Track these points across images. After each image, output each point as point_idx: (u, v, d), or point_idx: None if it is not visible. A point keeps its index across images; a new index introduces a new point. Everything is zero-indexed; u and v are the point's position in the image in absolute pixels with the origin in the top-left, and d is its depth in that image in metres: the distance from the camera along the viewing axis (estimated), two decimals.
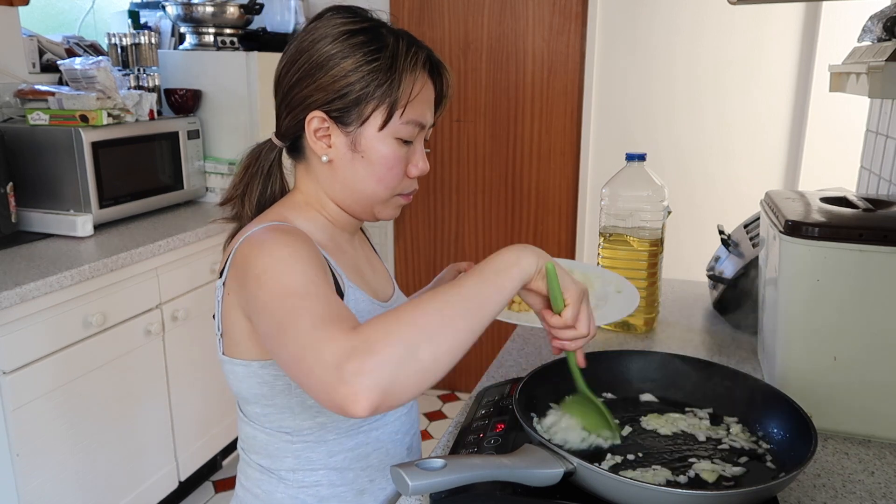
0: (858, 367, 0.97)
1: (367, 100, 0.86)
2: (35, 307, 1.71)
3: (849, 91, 1.17)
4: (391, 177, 0.89)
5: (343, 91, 0.85)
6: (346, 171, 0.90)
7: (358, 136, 0.88)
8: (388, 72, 0.85)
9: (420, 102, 0.89)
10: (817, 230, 0.94)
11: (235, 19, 2.73)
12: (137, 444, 2.10)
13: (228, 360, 0.90)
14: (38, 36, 2.53)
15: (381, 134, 0.87)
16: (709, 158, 2.81)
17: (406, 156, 0.90)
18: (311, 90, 0.87)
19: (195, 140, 2.57)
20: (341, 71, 0.85)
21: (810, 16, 2.58)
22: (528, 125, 3.03)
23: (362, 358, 0.64)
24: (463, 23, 3.01)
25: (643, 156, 1.34)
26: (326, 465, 0.93)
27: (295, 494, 0.93)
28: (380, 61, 0.85)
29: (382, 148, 0.88)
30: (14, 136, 2.12)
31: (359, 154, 0.88)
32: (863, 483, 0.88)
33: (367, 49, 0.85)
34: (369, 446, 0.95)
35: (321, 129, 0.88)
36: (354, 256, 0.99)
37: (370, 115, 0.86)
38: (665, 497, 0.72)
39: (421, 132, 0.91)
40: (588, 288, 0.98)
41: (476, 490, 0.77)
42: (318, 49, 0.86)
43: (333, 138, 0.88)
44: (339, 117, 0.87)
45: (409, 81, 0.86)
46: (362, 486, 0.95)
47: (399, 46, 0.87)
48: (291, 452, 0.92)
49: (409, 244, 3.31)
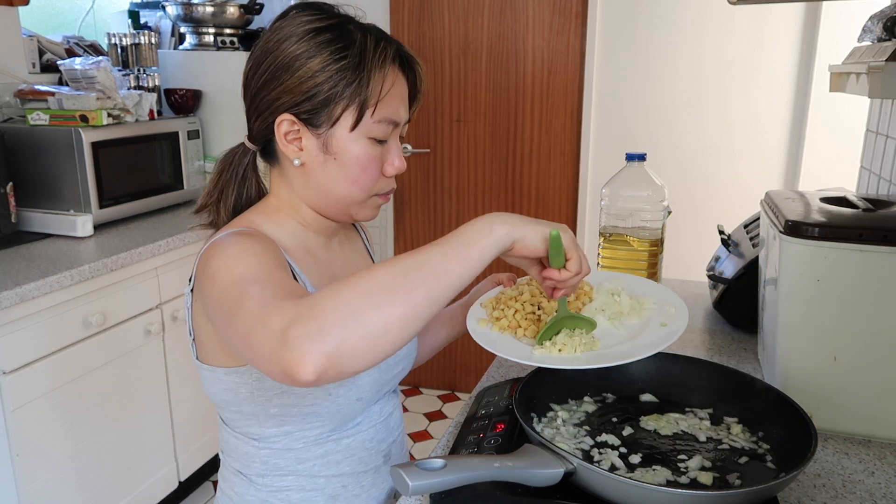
0: (858, 367, 0.97)
1: (337, 100, 0.83)
2: (35, 307, 1.71)
3: (849, 91, 1.17)
4: (366, 178, 0.87)
5: (311, 92, 0.83)
6: (319, 174, 0.87)
7: (329, 138, 0.85)
8: (357, 70, 0.82)
9: (392, 99, 0.86)
10: (817, 230, 0.94)
11: (235, 19, 2.74)
12: (137, 444, 2.10)
13: (199, 364, 0.91)
14: (38, 36, 2.53)
15: (352, 134, 0.84)
16: (709, 158, 2.81)
17: (380, 155, 0.87)
18: (279, 92, 0.84)
19: (195, 140, 2.58)
20: (308, 71, 0.82)
21: (810, 16, 2.58)
22: (528, 125, 3.03)
23: (306, 321, 0.63)
24: (463, 23, 3.01)
25: (643, 156, 1.34)
26: (295, 472, 0.92)
27: (265, 498, 0.93)
28: (347, 59, 0.82)
29: (355, 148, 0.85)
30: (14, 136, 2.12)
31: (331, 156, 0.85)
32: (863, 483, 0.88)
33: (334, 47, 0.82)
34: (339, 454, 0.93)
35: (291, 131, 0.85)
36: (328, 260, 0.96)
37: (340, 115, 0.83)
38: (665, 497, 0.72)
39: (395, 129, 0.88)
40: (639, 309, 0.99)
41: (476, 490, 0.77)
42: (284, 49, 0.83)
43: (304, 141, 0.86)
44: (309, 119, 0.84)
45: (378, 78, 0.83)
46: (334, 492, 0.94)
47: (367, 43, 0.83)
48: (259, 458, 0.92)
49: (409, 244, 3.31)
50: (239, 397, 0.88)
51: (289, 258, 0.87)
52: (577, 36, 2.89)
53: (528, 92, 3.00)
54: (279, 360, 0.63)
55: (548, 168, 3.04)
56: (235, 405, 0.89)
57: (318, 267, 0.93)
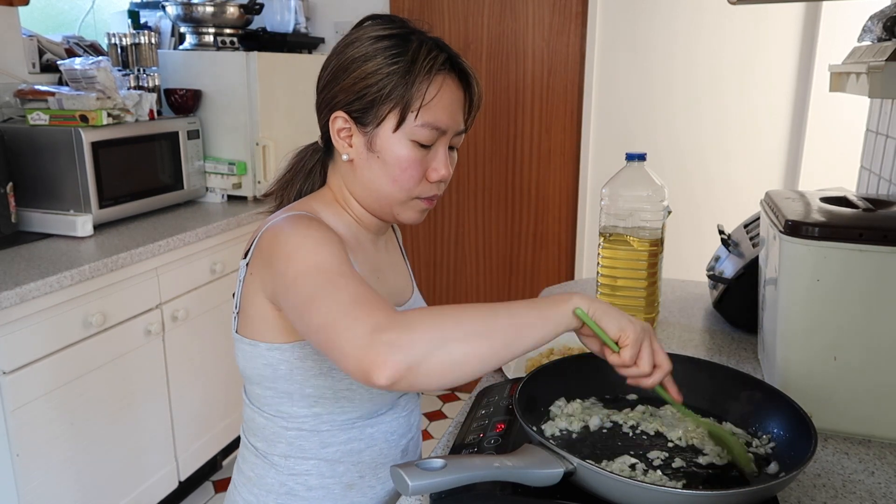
0: (858, 367, 0.97)
1: (383, 101, 0.88)
2: (35, 307, 1.71)
3: (849, 91, 1.17)
4: (405, 178, 0.91)
5: (362, 92, 0.88)
6: (364, 171, 0.92)
7: (374, 137, 0.90)
8: (405, 74, 0.87)
9: (438, 107, 0.89)
10: (817, 230, 0.94)
11: (235, 19, 2.73)
12: (137, 444, 2.10)
13: (239, 338, 0.93)
14: (38, 36, 2.53)
15: (395, 135, 0.89)
16: (709, 158, 2.81)
17: (423, 159, 0.91)
18: (336, 91, 0.91)
19: (195, 140, 2.57)
20: (362, 73, 0.88)
21: (810, 16, 2.58)
22: (528, 125, 3.03)
23: (399, 331, 0.69)
24: (463, 23, 3.01)
25: (643, 156, 1.34)
26: (318, 456, 0.94)
27: (284, 481, 0.95)
28: (399, 65, 0.87)
29: (397, 149, 0.89)
30: (14, 136, 2.12)
31: (374, 154, 0.91)
32: (863, 483, 0.88)
33: (390, 53, 0.88)
34: (362, 442, 0.96)
35: (344, 129, 0.91)
36: (376, 257, 1.01)
37: (385, 116, 0.89)
38: (665, 497, 0.72)
39: (442, 137, 0.91)
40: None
41: (476, 490, 0.77)
42: (347, 52, 0.90)
43: (354, 138, 0.91)
44: (359, 118, 0.90)
45: (423, 84, 0.87)
46: (351, 481, 0.96)
47: (420, 50, 0.88)
48: (285, 439, 0.94)
49: (408, 244, 3.31)
50: (277, 374, 0.91)
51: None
52: (577, 36, 2.89)
53: (528, 92, 3.00)
54: (362, 357, 0.68)
55: (548, 168, 3.04)
56: (272, 381, 0.92)
57: (367, 261, 0.97)
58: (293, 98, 2.79)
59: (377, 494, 0.99)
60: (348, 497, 0.97)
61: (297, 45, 2.97)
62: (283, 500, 0.96)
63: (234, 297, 0.94)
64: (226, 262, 2.40)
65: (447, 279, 3.29)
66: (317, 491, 0.95)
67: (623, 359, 0.80)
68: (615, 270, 1.37)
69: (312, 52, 3.09)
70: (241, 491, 0.99)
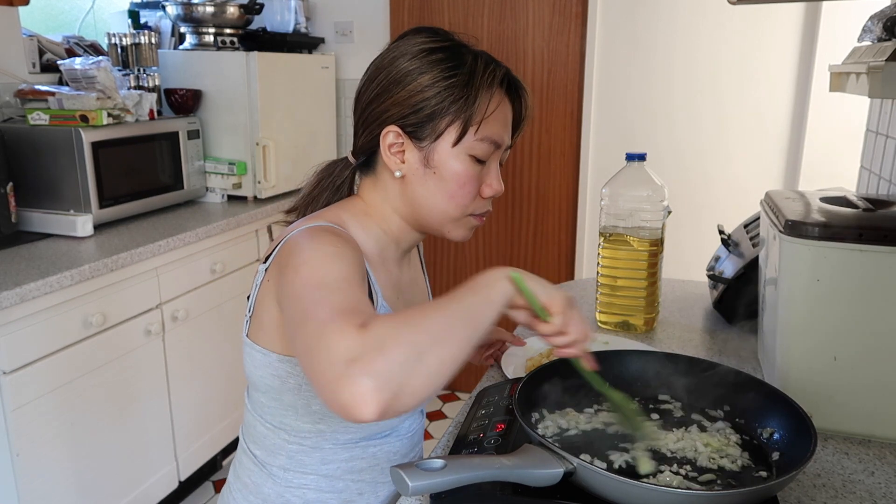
0: (858, 367, 0.97)
1: (442, 115, 0.86)
2: (35, 307, 1.71)
3: (849, 91, 1.17)
4: (463, 194, 0.89)
5: (418, 106, 0.86)
6: (418, 187, 0.90)
7: (431, 152, 0.88)
8: (465, 88, 0.86)
9: (495, 121, 0.89)
10: (817, 230, 0.94)
11: (235, 19, 2.73)
12: (137, 444, 2.10)
13: (250, 343, 0.91)
14: (38, 36, 2.53)
15: (454, 150, 0.87)
16: (709, 158, 2.81)
17: (479, 175, 0.90)
18: (388, 105, 0.88)
19: (195, 140, 2.57)
20: (418, 86, 0.86)
21: (810, 16, 2.58)
22: (528, 125, 3.02)
23: (371, 357, 0.63)
24: (463, 23, 3.01)
25: (643, 156, 1.34)
26: (318, 472, 0.93)
27: (281, 492, 0.94)
28: (457, 78, 0.86)
29: (455, 164, 0.88)
30: (14, 136, 2.12)
31: (431, 170, 0.88)
32: (863, 483, 0.88)
33: (445, 66, 0.86)
34: (364, 461, 0.95)
35: (396, 143, 0.89)
36: (399, 275, 0.98)
37: (444, 130, 0.87)
38: (665, 497, 0.72)
39: (496, 152, 0.91)
40: None
41: (476, 490, 0.77)
42: (397, 65, 0.87)
43: (407, 153, 0.89)
44: (414, 132, 0.88)
45: (484, 98, 0.87)
46: (350, 498, 0.95)
47: (477, 64, 0.87)
48: (286, 452, 0.93)
49: None
50: (285, 386, 0.89)
51: (366, 264, 0.88)
52: (577, 36, 2.89)
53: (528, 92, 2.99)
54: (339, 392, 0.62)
55: (548, 168, 3.04)
56: (278, 393, 0.90)
57: (389, 279, 0.95)
58: (293, 98, 2.79)
59: None
60: None
61: (297, 45, 2.97)
62: None
63: (249, 300, 0.92)
64: (226, 263, 2.40)
65: (447, 279, 3.29)
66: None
67: (554, 326, 0.79)
68: (615, 270, 1.37)
69: (312, 52, 3.09)
70: (237, 496, 0.98)
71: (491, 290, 0.75)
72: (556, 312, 0.78)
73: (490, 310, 0.74)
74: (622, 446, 0.86)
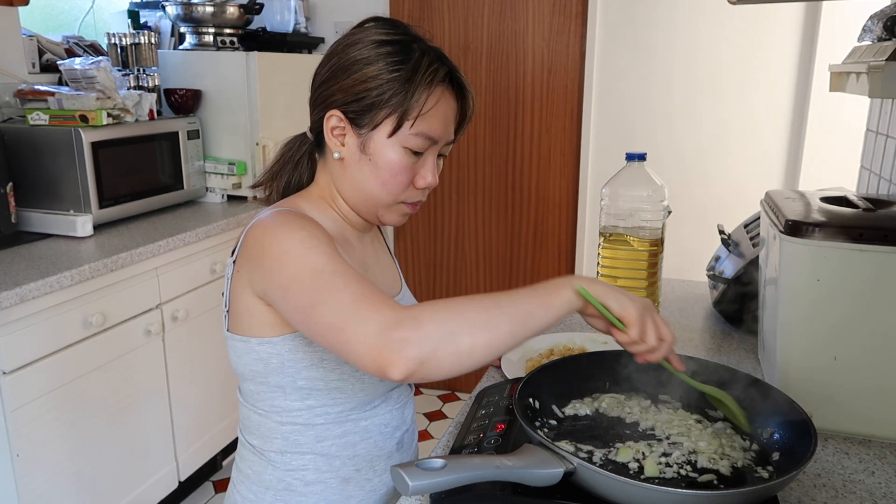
0: (858, 367, 0.97)
1: (381, 106, 0.89)
2: (35, 307, 1.71)
3: (849, 91, 1.17)
4: (395, 183, 0.92)
5: (361, 95, 0.89)
6: (354, 171, 0.94)
7: (368, 140, 0.91)
8: (405, 83, 0.89)
9: (434, 118, 0.91)
10: (817, 230, 0.94)
11: (235, 19, 2.73)
12: (137, 444, 2.10)
13: (231, 335, 0.94)
14: (38, 36, 2.53)
15: (389, 140, 0.91)
16: (709, 158, 2.81)
17: (413, 166, 0.93)
18: (335, 90, 0.91)
19: (195, 140, 2.57)
20: (363, 76, 0.89)
21: (810, 16, 2.58)
22: (528, 125, 3.03)
23: (409, 328, 0.72)
24: (463, 23, 3.01)
25: (643, 156, 1.34)
26: (314, 450, 0.95)
27: (282, 477, 0.96)
28: (400, 72, 0.89)
29: (389, 154, 0.91)
30: (14, 137, 2.12)
31: (366, 156, 0.92)
32: (863, 483, 0.88)
33: (392, 59, 0.89)
34: (357, 435, 0.97)
35: (338, 127, 0.93)
36: (363, 252, 1.02)
37: (382, 121, 0.90)
38: (665, 497, 0.72)
39: (433, 146, 0.93)
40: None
41: (476, 490, 0.77)
42: (348, 53, 0.91)
43: (347, 138, 0.93)
44: (355, 119, 0.91)
45: (422, 95, 0.89)
46: (348, 475, 0.97)
47: (422, 61, 0.90)
48: (281, 434, 0.95)
49: (409, 244, 3.31)
50: (269, 368, 0.92)
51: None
52: (577, 36, 2.89)
53: (528, 92, 3.00)
54: (377, 355, 0.72)
55: (548, 168, 3.04)
56: (264, 377, 0.93)
57: (355, 257, 0.99)
58: (293, 98, 2.79)
59: (374, 488, 0.99)
60: (346, 491, 0.97)
61: (297, 45, 2.97)
62: (282, 496, 0.96)
63: (224, 296, 0.95)
64: (226, 262, 2.40)
65: (447, 279, 3.29)
66: (314, 486, 0.96)
67: (630, 336, 0.81)
68: (615, 270, 1.37)
69: (312, 52, 3.09)
70: (240, 488, 1.00)
71: (553, 295, 0.79)
72: (630, 324, 0.81)
73: (547, 313, 0.78)
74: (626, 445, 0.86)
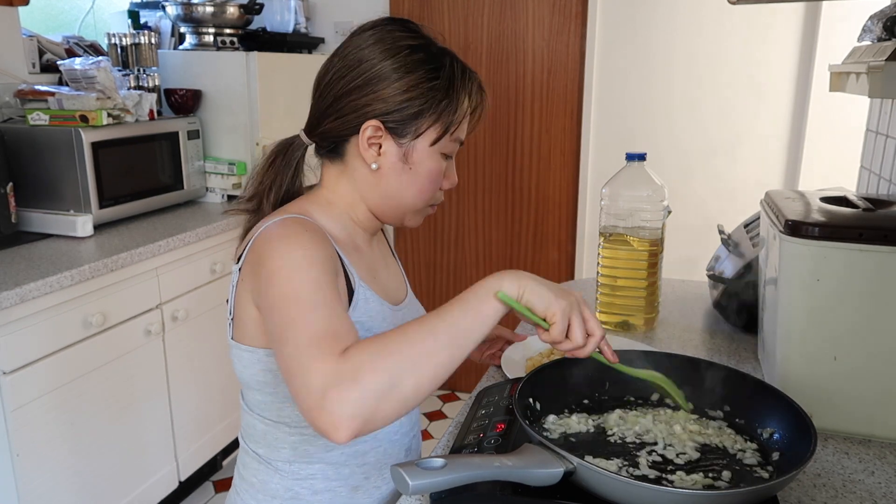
0: (858, 367, 0.97)
1: (426, 116, 0.89)
2: (35, 307, 1.71)
3: (849, 91, 1.17)
4: (431, 189, 0.94)
5: (403, 105, 0.89)
6: (392, 180, 0.93)
7: (410, 150, 0.91)
8: (447, 91, 0.90)
9: (464, 123, 0.94)
10: (817, 230, 0.94)
11: (235, 19, 2.73)
12: (137, 444, 2.10)
13: (236, 345, 0.92)
14: (38, 36, 2.53)
15: (431, 149, 0.91)
16: (709, 158, 2.81)
17: (444, 170, 0.94)
18: (370, 99, 0.89)
19: (195, 140, 2.57)
20: (403, 85, 0.88)
21: (810, 16, 2.58)
22: (528, 125, 3.03)
23: (347, 386, 0.67)
24: (462, 23, 3.01)
25: (643, 156, 1.34)
26: (323, 460, 0.94)
27: (290, 486, 0.95)
28: (439, 80, 0.90)
29: (430, 162, 0.92)
30: (14, 137, 2.12)
31: (408, 166, 0.92)
32: (863, 483, 0.88)
33: (428, 67, 0.89)
34: (367, 444, 0.96)
35: (374, 137, 0.90)
36: (370, 256, 1.01)
37: (425, 130, 0.90)
38: (665, 497, 0.72)
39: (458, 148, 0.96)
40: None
41: (476, 490, 0.77)
42: (378, 61, 0.89)
43: (385, 147, 0.91)
44: (395, 129, 0.90)
45: (463, 102, 0.91)
46: (357, 483, 0.96)
47: (455, 69, 0.92)
48: (289, 444, 0.94)
49: (409, 244, 3.31)
50: (278, 378, 0.90)
51: (339, 250, 0.90)
52: (577, 36, 2.89)
53: (528, 92, 3.00)
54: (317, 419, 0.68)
55: (548, 168, 3.04)
56: (272, 386, 0.91)
57: (362, 261, 0.97)
58: (293, 98, 2.79)
59: (382, 495, 0.99)
60: (354, 499, 0.96)
61: (297, 45, 2.97)
62: None
63: (228, 304, 0.93)
64: (226, 263, 2.40)
65: (447, 280, 3.29)
66: (323, 494, 0.95)
67: (553, 335, 0.78)
68: (615, 270, 1.37)
69: (312, 52, 3.09)
70: (245, 496, 0.98)
71: (484, 304, 0.76)
72: (554, 322, 0.78)
73: (482, 327, 0.76)
74: (628, 446, 0.86)
